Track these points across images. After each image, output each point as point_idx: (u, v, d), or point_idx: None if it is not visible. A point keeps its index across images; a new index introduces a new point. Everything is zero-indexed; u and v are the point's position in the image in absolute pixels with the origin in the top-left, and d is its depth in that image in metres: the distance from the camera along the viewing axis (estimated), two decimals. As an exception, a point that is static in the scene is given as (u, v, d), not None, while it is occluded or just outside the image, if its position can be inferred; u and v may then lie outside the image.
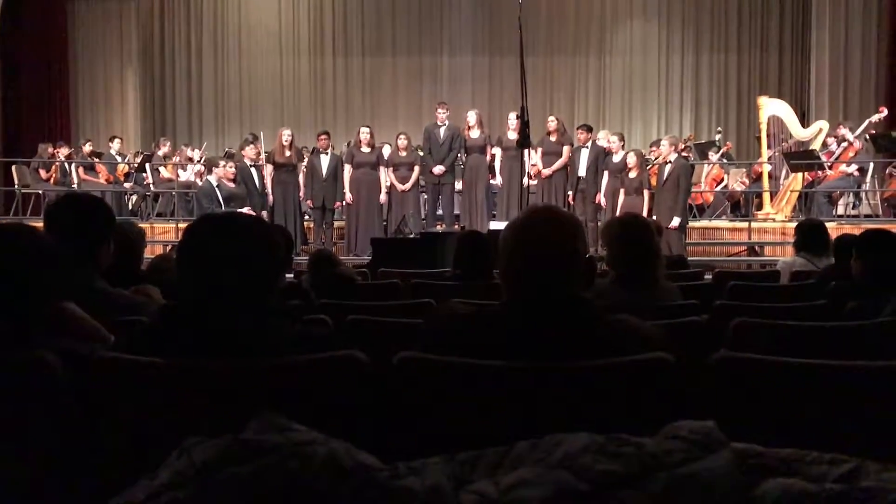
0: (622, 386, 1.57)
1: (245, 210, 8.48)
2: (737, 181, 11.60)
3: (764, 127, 10.84)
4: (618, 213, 8.33)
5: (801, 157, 10.26)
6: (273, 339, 1.61)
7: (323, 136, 9.72)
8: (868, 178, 10.70)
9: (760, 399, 1.69)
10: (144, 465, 0.93)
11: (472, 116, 9.62)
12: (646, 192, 8.90)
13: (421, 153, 9.98)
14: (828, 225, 5.60)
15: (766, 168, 10.79)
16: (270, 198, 9.36)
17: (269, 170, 9.46)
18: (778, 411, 1.68)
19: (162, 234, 10.14)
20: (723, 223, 10.66)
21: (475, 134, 9.57)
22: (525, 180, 8.55)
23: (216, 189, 8.82)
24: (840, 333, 2.57)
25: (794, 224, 7.16)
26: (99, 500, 0.90)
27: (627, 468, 0.82)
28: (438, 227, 9.58)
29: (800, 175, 10.32)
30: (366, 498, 0.81)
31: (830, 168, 10.52)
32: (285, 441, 0.85)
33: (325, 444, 0.86)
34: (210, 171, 9.10)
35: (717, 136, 13.10)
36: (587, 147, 9.45)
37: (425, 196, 10.00)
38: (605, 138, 10.00)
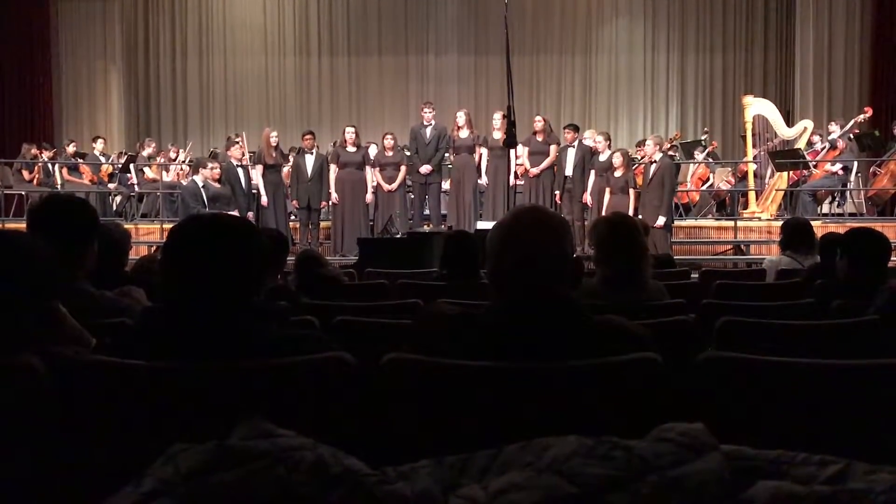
0: (610, 386, 1.57)
1: (232, 212, 8.46)
2: (722, 180, 11.66)
3: (749, 126, 10.90)
4: (604, 213, 8.35)
5: (786, 156, 10.32)
6: (259, 340, 1.59)
7: (308, 136, 9.69)
8: (852, 177, 10.78)
9: (748, 399, 1.69)
10: (128, 471, 0.92)
11: (461, 117, 9.61)
12: (631, 192, 8.93)
13: (407, 153, 9.97)
14: (813, 223, 5.63)
15: (752, 167, 10.85)
16: (265, 199, 9.33)
17: (259, 170, 9.43)
18: (766, 411, 1.68)
19: (147, 235, 10.09)
20: (708, 222, 10.71)
21: (464, 134, 9.56)
22: (511, 179, 8.56)
23: (202, 189, 8.78)
24: (826, 332, 2.58)
25: (779, 223, 7.21)
26: (82, 507, 0.89)
27: (617, 471, 0.82)
28: (425, 227, 9.58)
29: (785, 174, 10.39)
30: (354, 504, 0.80)
31: (815, 167, 10.59)
32: (272, 447, 0.85)
33: (312, 450, 0.85)
34: (196, 172, 9.05)
35: (704, 137, 13.15)
36: (574, 146, 9.47)
37: (412, 196, 9.99)
38: (591, 137, 10.02)
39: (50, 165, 11.55)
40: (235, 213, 8.46)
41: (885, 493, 0.79)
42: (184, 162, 11.91)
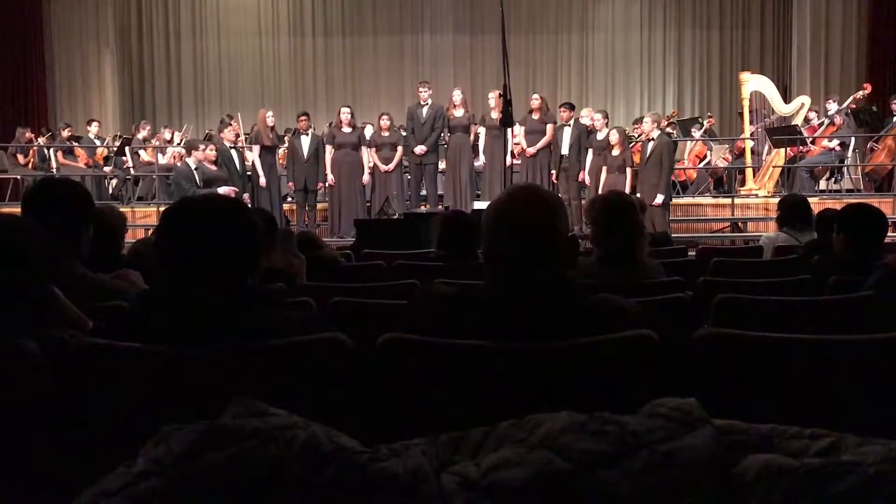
0: (606, 364, 1.57)
1: (225, 189, 8.43)
2: (720, 157, 11.64)
3: (746, 103, 10.87)
4: (601, 191, 8.33)
5: (783, 133, 10.31)
6: (254, 322, 1.59)
7: (303, 118, 9.66)
8: (850, 153, 10.77)
9: (744, 375, 1.70)
10: (123, 453, 0.92)
11: (456, 96, 9.60)
12: (629, 170, 8.91)
13: (404, 133, 9.94)
14: (810, 200, 5.64)
15: (749, 144, 10.83)
16: (263, 179, 9.32)
17: (256, 151, 9.41)
18: (761, 386, 1.69)
19: (143, 218, 10.07)
20: (706, 200, 10.71)
21: (459, 113, 9.54)
22: (508, 159, 8.53)
23: (194, 171, 8.75)
24: (822, 308, 2.59)
25: (776, 199, 7.21)
26: (76, 488, 0.89)
27: (609, 447, 0.82)
28: (422, 208, 9.57)
29: (782, 150, 10.37)
30: (346, 482, 0.81)
31: (812, 143, 10.58)
32: (264, 426, 0.85)
33: (304, 428, 0.85)
34: (189, 154, 9.01)
35: (707, 120, 13.09)
36: (569, 125, 9.45)
37: (408, 176, 9.97)
38: (588, 116, 9.99)
39: (45, 149, 11.51)
40: (230, 189, 8.46)
41: (875, 465, 0.79)
42: (179, 144, 11.87)
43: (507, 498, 0.78)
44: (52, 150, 11.43)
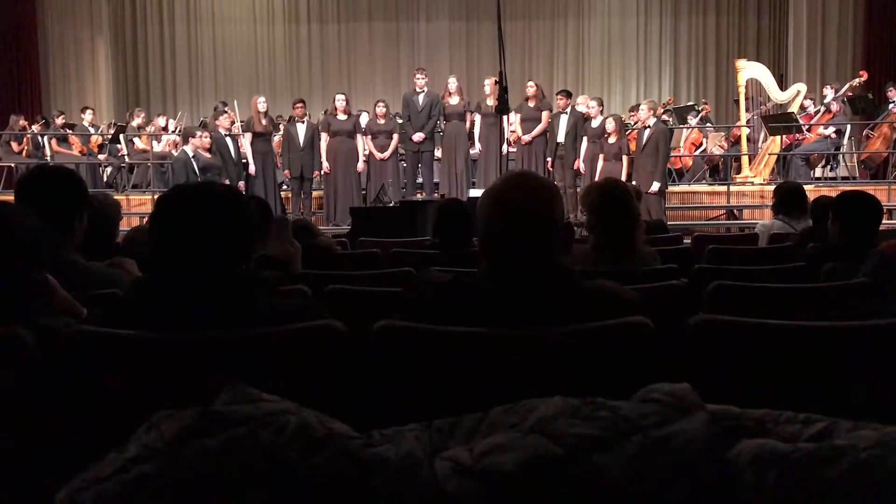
0: (601, 351, 1.57)
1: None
2: (715, 145, 11.64)
3: (742, 90, 10.86)
4: (597, 179, 8.32)
5: (779, 120, 10.30)
6: (248, 309, 1.59)
7: (299, 105, 9.62)
8: (845, 141, 10.78)
9: (738, 361, 1.70)
10: (116, 440, 0.92)
11: (452, 83, 9.57)
12: (625, 158, 8.90)
13: (400, 121, 9.92)
14: (805, 187, 5.64)
15: (745, 131, 10.83)
16: (252, 167, 9.28)
17: (248, 138, 9.37)
18: (755, 373, 1.70)
19: (138, 206, 10.04)
20: (702, 187, 10.71)
21: (454, 101, 9.51)
22: (504, 147, 8.51)
23: (192, 159, 8.72)
24: (817, 295, 2.59)
25: (772, 187, 7.21)
26: (68, 474, 0.89)
27: (602, 432, 0.82)
28: (418, 196, 9.55)
29: (778, 138, 10.37)
30: (338, 467, 0.81)
31: (808, 131, 10.58)
32: (256, 412, 0.85)
33: (296, 414, 0.85)
34: (186, 142, 8.99)
35: (702, 106, 13.07)
36: (566, 113, 9.43)
37: (404, 164, 9.95)
38: (583, 103, 9.97)
39: (39, 137, 11.45)
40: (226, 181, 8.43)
41: (867, 449, 0.79)
42: (174, 131, 11.82)
43: (499, 482, 0.78)
44: (46, 138, 11.37)
